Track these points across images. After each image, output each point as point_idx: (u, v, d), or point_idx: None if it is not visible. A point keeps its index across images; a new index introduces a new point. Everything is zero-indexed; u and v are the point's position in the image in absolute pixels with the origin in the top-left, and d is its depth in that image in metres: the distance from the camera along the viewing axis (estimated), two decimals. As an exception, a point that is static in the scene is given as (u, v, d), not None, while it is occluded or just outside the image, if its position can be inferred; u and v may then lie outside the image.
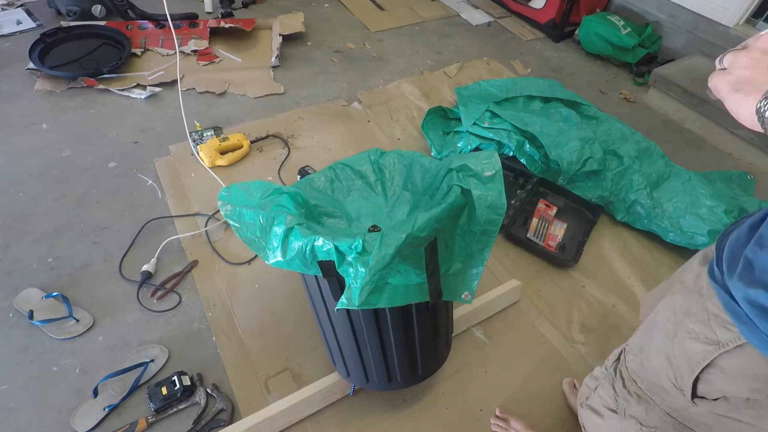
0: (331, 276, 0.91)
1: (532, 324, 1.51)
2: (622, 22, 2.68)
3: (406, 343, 1.07)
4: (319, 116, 2.18)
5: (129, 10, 2.59)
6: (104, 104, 2.13)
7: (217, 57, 2.44)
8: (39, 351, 1.34)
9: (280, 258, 0.91)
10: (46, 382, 1.28)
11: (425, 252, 0.91)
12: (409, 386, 1.23)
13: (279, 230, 0.90)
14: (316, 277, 0.99)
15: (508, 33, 2.99)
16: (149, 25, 2.55)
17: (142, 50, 2.40)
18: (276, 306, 1.49)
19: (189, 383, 1.27)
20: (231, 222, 1.00)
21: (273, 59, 2.48)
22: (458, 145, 1.97)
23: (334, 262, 0.87)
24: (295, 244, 0.88)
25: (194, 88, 2.24)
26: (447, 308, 1.18)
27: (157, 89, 2.20)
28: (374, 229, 1.02)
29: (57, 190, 1.75)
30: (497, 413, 1.29)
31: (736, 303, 0.58)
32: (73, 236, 1.61)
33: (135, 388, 1.27)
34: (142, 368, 1.30)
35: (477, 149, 1.95)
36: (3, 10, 2.63)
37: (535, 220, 1.78)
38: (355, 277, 0.84)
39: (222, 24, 2.60)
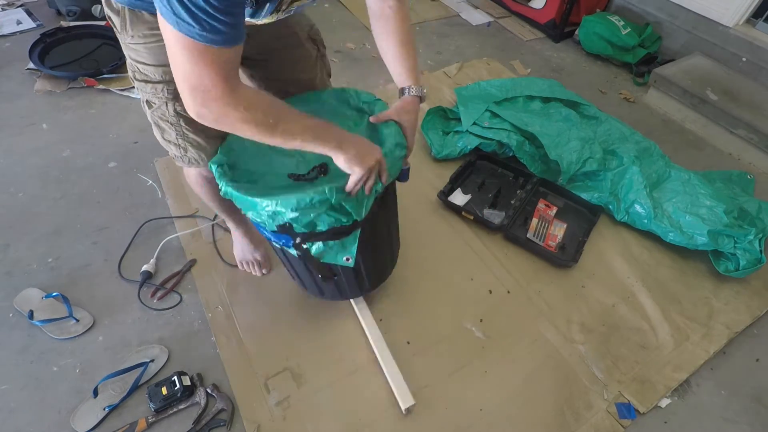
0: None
1: (532, 324, 1.51)
2: (622, 22, 2.67)
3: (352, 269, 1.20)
4: (319, 116, 2.18)
5: (129, 10, 2.58)
6: (104, 104, 2.13)
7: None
8: (39, 351, 1.34)
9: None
10: (46, 382, 1.28)
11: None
12: (359, 296, 1.44)
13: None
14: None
15: (508, 33, 2.99)
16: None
17: (142, 50, 2.40)
18: (276, 306, 1.49)
19: (189, 383, 1.27)
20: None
21: (273, 59, 2.47)
22: (458, 145, 1.97)
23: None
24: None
25: (194, 88, 2.24)
26: (385, 238, 1.29)
27: (157, 89, 2.20)
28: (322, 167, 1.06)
29: (57, 190, 1.75)
30: None
31: None
32: (73, 236, 1.61)
33: (135, 388, 1.27)
34: (142, 368, 1.30)
35: (477, 149, 1.95)
36: (3, 10, 2.63)
37: (535, 220, 1.78)
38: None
39: (222, 24, 2.60)
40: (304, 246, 1.06)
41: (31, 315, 1.37)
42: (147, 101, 1.00)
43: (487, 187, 1.90)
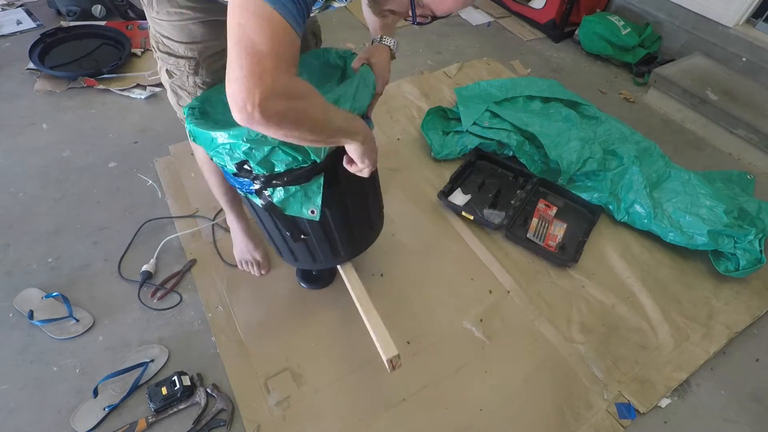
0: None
1: (532, 324, 1.51)
2: (622, 22, 2.67)
3: (322, 231, 1.17)
4: (319, 116, 2.18)
5: (129, 10, 2.59)
6: (104, 104, 2.13)
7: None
8: (39, 351, 1.34)
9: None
10: (46, 382, 1.28)
11: None
12: (333, 265, 1.34)
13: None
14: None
15: (508, 33, 2.99)
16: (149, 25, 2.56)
17: (142, 50, 2.40)
18: (276, 306, 1.49)
19: (189, 383, 1.27)
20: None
21: (273, 59, 2.47)
22: (458, 145, 1.97)
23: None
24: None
25: (194, 88, 2.24)
26: (362, 200, 1.25)
27: (157, 89, 2.20)
28: None
29: (57, 190, 1.75)
30: None
31: None
32: (73, 236, 1.61)
33: (135, 388, 1.27)
34: (142, 368, 1.30)
35: (477, 149, 1.95)
36: (3, 10, 2.63)
37: (535, 220, 1.78)
38: None
39: (222, 24, 2.60)
40: (266, 193, 1.04)
41: (31, 315, 1.37)
42: (167, 71, 1.08)
43: (487, 187, 1.90)
